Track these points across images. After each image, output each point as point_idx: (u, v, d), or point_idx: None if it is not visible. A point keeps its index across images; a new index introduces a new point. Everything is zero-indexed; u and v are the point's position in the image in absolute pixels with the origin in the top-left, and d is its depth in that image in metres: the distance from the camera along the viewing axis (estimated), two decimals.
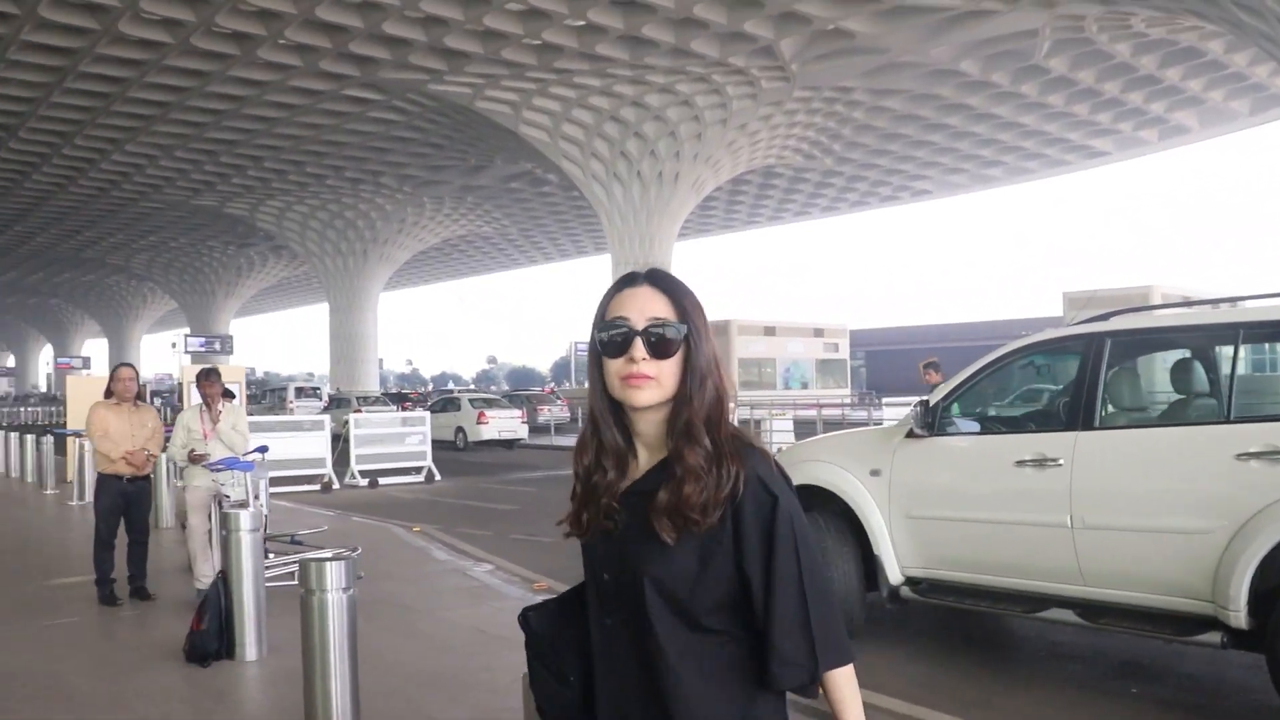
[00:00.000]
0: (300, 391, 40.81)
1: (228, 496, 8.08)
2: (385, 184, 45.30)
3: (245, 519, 6.78)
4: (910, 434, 6.82)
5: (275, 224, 50.77)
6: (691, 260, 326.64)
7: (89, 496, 16.25)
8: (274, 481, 14.03)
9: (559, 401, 39.84)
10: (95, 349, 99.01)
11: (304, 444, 18.41)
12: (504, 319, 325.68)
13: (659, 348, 1.77)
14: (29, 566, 10.65)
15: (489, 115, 33.48)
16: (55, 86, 30.93)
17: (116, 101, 32.54)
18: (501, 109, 33.27)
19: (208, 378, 8.71)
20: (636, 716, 1.81)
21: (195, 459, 8.44)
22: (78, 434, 17.40)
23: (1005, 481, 6.32)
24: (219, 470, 8.34)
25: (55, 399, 77.05)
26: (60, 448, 19.88)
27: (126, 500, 8.51)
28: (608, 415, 1.83)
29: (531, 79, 31.41)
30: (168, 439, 9.11)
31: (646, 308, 1.79)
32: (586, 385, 1.88)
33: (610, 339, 1.79)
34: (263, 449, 9.08)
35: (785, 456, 8.18)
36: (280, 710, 5.68)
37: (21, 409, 63.95)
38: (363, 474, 19.26)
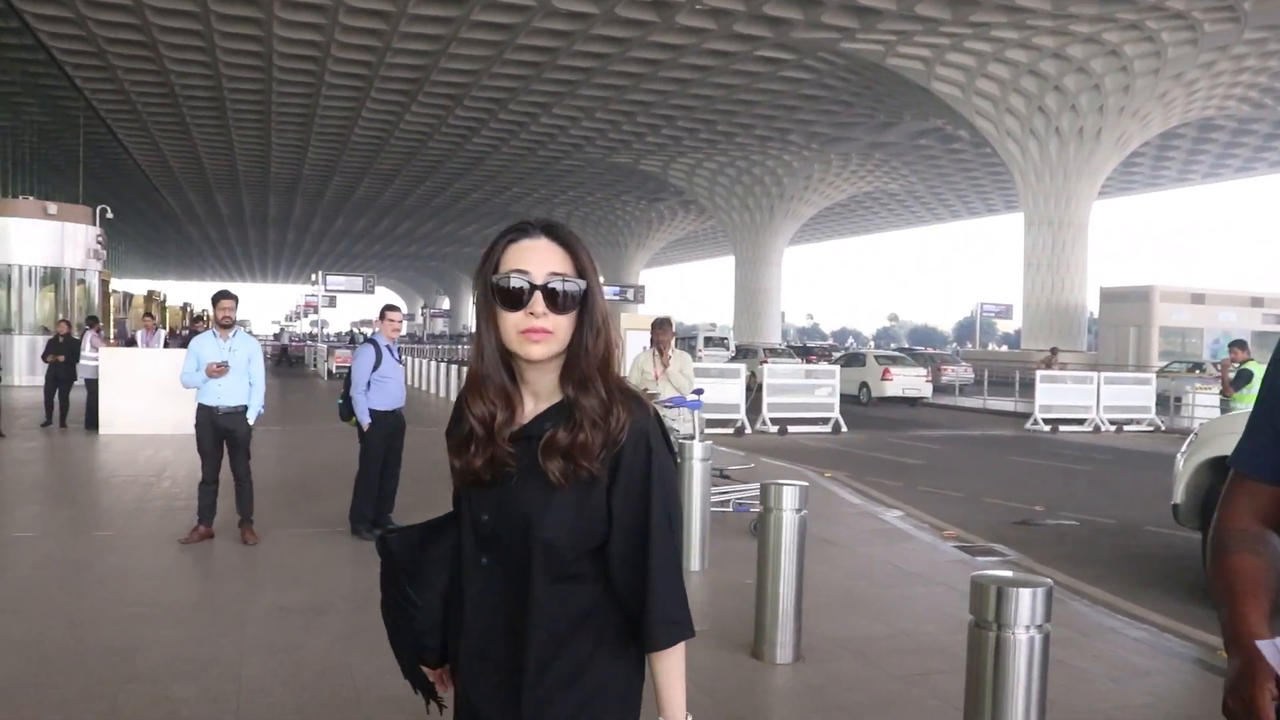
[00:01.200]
0: (709, 341, 42.44)
1: (676, 430, 8.99)
2: (793, 141, 46.08)
3: (698, 450, 7.63)
4: None
5: (685, 180, 53.08)
6: (1111, 220, 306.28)
7: None
8: None
9: (963, 363, 39.17)
10: None
11: (718, 390, 19.32)
12: (906, 276, 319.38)
13: (558, 303, 1.78)
14: None
15: (900, 72, 33.25)
16: (496, 58, 33.95)
17: (547, 69, 35.23)
18: (913, 65, 32.93)
19: (661, 326, 9.74)
20: (497, 656, 1.83)
21: (648, 398, 9.41)
22: None
23: None
24: (669, 408, 9.31)
25: None
26: None
27: None
28: (499, 362, 1.84)
29: (945, 34, 30.87)
30: None
31: (545, 261, 1.80)
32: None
33: (508, 291, 1.78)
34: (699, 391, 9.98)
35: (1206, 428, 8.03)
36: (729, 610, 6.42)
37: (457, 346, 71.32)
38: (773, 421, 20.15)
